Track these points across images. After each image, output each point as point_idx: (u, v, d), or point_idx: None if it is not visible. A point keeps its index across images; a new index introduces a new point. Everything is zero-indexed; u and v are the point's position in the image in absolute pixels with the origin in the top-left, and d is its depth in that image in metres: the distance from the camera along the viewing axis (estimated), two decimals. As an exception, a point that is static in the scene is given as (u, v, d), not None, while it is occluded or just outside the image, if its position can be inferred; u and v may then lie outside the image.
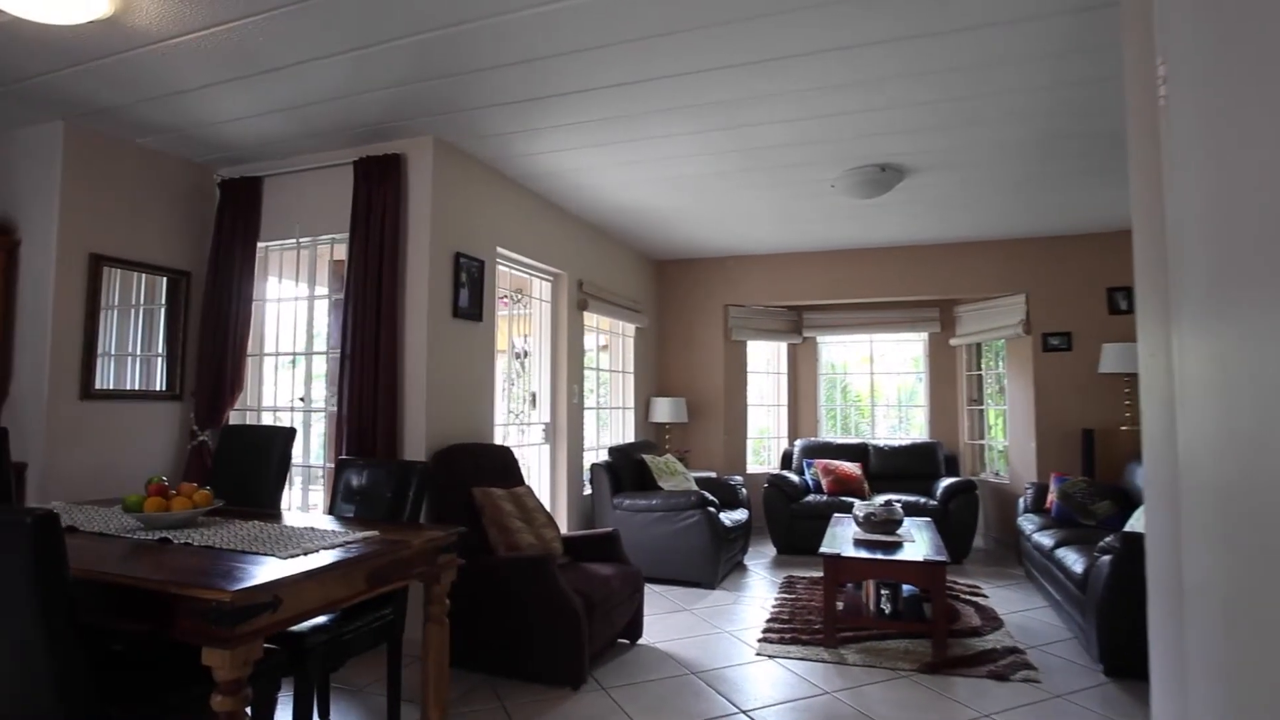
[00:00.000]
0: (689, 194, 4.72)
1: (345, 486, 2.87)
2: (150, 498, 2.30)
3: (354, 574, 2.01)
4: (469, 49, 2.78)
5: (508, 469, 3.91)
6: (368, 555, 2.04)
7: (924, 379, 7.01)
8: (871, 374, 7.37)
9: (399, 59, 2.85)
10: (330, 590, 1.93)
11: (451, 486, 3.46)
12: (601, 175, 4.33)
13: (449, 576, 2.43)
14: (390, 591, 2.42)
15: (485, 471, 3.68)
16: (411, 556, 2.24)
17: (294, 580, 1.78)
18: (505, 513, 3.44)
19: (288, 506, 4.04)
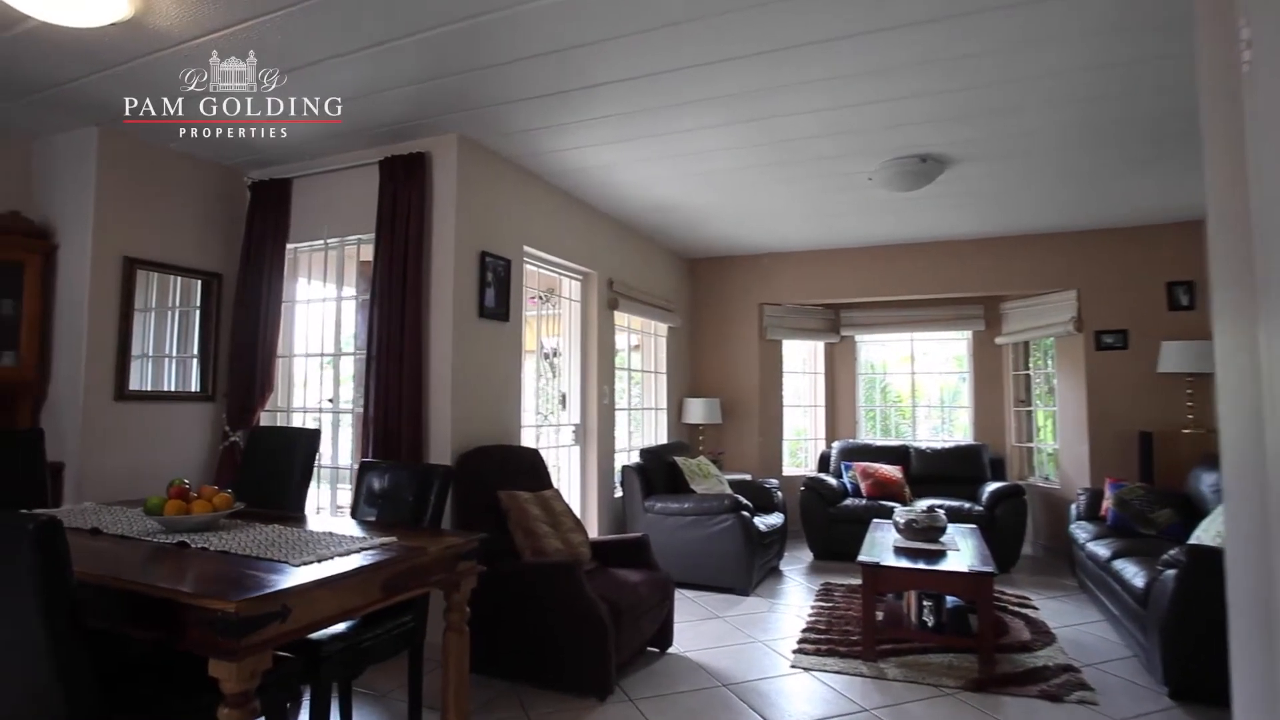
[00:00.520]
0: (720, 189, 4.60)
1: (367, 490, 2.83)
2: (171, 500, 2.28)
3: (369, 582, 1.94)
4: (488, 42, 2.71)
5: (535, 471, 3.84)
6: (383, 563, 1.97)
7: (968, 379, 6.74)
8: (912, 374, 7.13)
9: (418, 54, 2.80)
10: (344, 599, 1.87)
11: (477, 489, 3.40)
12: (629, 171, 4.24)
13: (469, 584, 2.35)
14: (410, 598, 2.36)
15: (512, 474, 3.61)
16: (429, 564, 2.17)
17: (304, 589, 1.72)
18: (531, 516, 3.37)
19: (317, 509, 4.04)
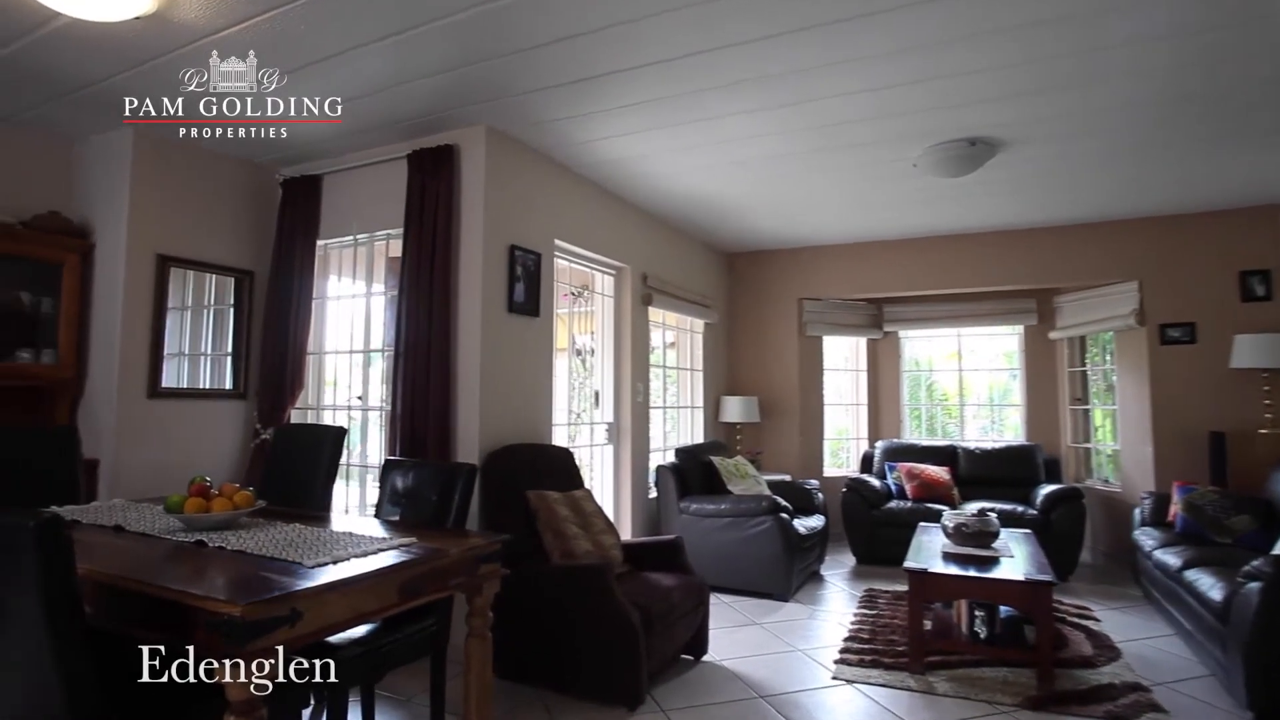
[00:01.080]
0: (756, 179, 4.43)
1: (391, 489, 2.76)
2: (191, 498, 2.24)
3: (384, 586, 1.85)
4: (513, 26, 2.61)
5: (566, 471, 3.74)
6: (399, 566, 1.89)
7: (1019, 376, 6.43)
8: (960, 370, 6.84)
9: (440, 41, 2.71)
10: (357, 603, 1.78)
11: (505, 489, 3.30)
12: (662, 161, 4.10)
13: (491, 588, 2.25)
14: (432, 602, 2.27)
15: (542, 473, 3.51)
16: (449, 566, 2.08)
17: (315, 592, 1.64)
18: (561, 518, 3.27)
19: (345, 508, 4.01)
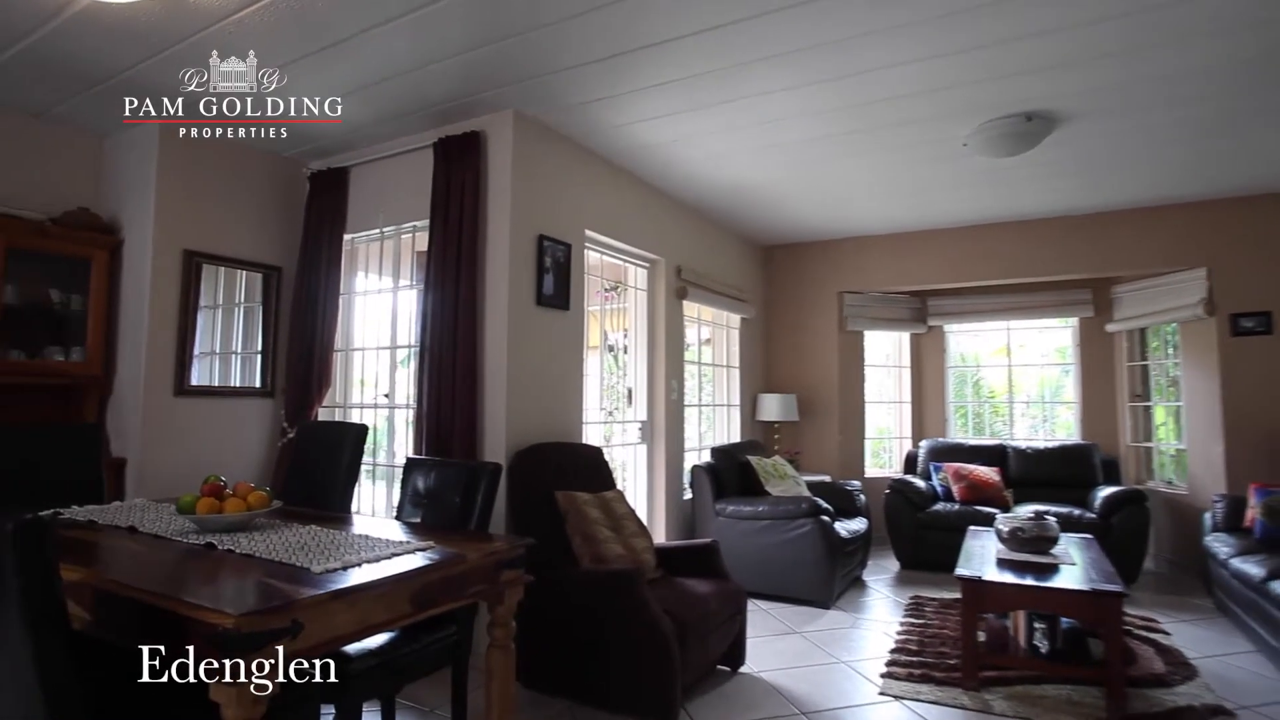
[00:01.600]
0: (793, 164, 4.22)
1: (413, 489, 2.64)
2: (203, 498, 2.14)
3: (395, 595, 1.72)
4: (537, -2, 2.47)
5: (597, 471, 3.59)
6: (412, 574, 1.75)
7: (1073, 371, 6.09)
8: (1009, 366, 6.51)
9: (463, 16, 2.58)
10: (366, 613, 1.65)
11: (533, 490, 3.17)
12: (697, 146, 3.92)
13: (514, 596, 2.11)
14: (451, 610, 2.14)
15: (571, 473, 3.37)
16: (467, 573, 1.94)
17: (318, 602, 1.51)
18: (591, 520, 3.12)
19: (371, 509, 3.92)
